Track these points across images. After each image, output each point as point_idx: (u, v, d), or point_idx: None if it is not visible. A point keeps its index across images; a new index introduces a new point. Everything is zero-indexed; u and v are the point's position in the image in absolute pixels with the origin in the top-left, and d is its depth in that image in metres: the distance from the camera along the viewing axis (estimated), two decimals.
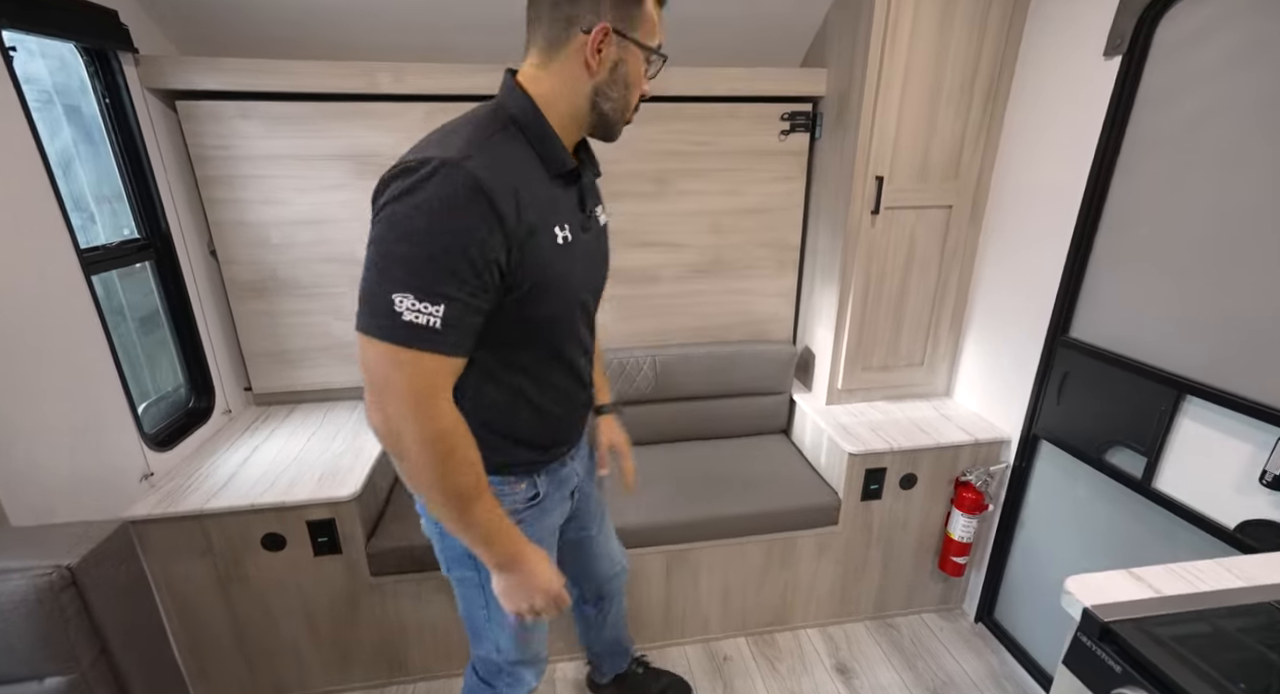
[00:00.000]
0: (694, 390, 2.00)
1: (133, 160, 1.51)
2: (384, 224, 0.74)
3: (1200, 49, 1.20)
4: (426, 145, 0.80)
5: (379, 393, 0.75)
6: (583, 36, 0.81)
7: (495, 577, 0.91)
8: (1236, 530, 1.18)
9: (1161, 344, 1.31)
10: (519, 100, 0.84)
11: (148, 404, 1.61)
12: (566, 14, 0.80)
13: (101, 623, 0.89)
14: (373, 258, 0.74)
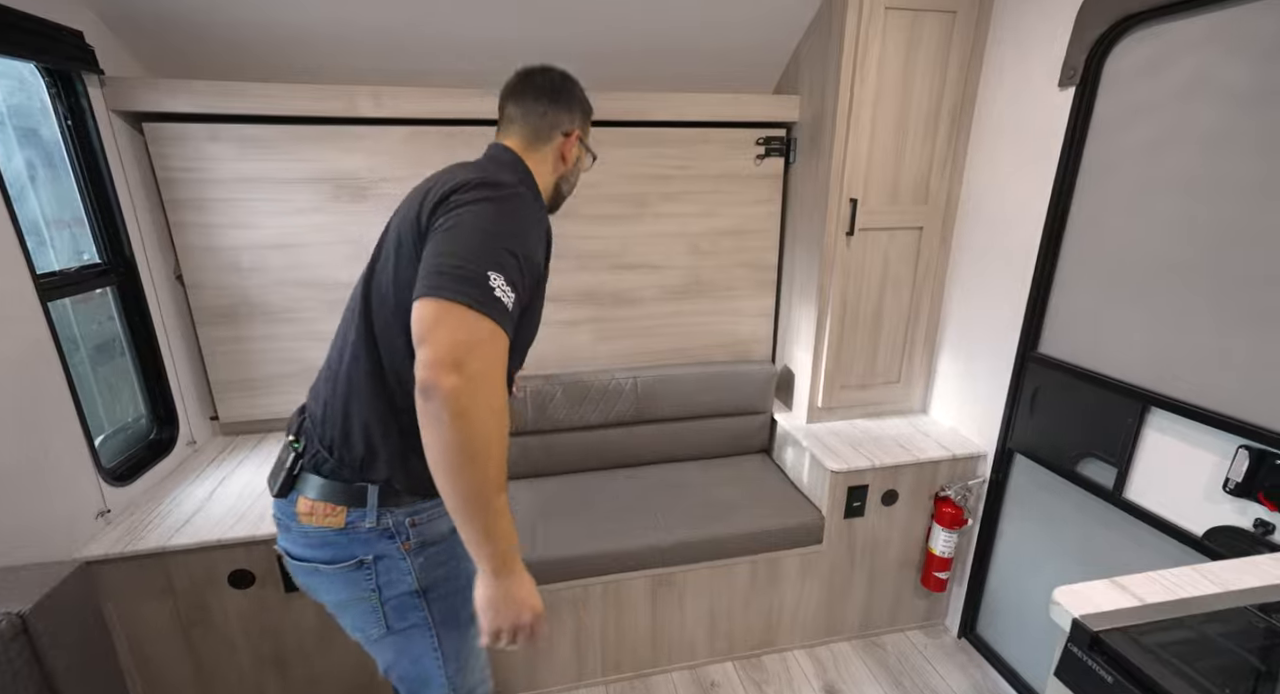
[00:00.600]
0: (675, 412, 2.00)
1: (95, 183, 1.46)
2: (482, 214, 0.85)
3: (1147, 80, 1.28)
4: (483, 171, 0.93)
5: (464, 356, 0.76)
6: (562, 138, 1.05)
7: (488, 584, 0.85)
8: (1204, 537, 1.22)
9: (1125, 358, 1.36)
10: (523, 166, 1.02)
11: (105, 436, 1.53)
12: (552, 121, 1.04)
13: (53, 672, 0.82)
14: (472, 237, 0.82)
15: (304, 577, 1.01)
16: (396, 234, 0.92)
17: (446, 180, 0.90)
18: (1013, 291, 1.62)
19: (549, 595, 1.62)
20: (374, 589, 0.97)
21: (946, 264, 1.86)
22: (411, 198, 0.95)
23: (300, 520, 0.94)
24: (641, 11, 1.62)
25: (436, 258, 0.81)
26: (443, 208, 0.86)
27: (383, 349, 0.92)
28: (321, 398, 0.97)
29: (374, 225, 1.73)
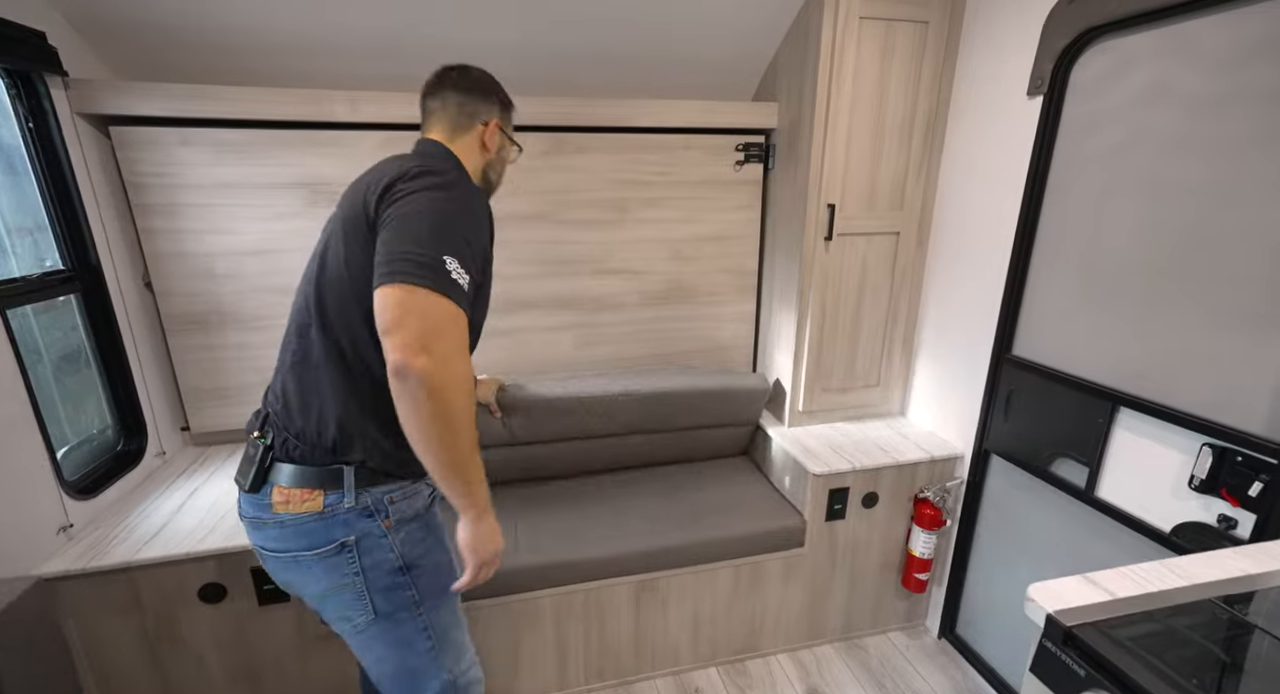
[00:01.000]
0: (664, 425, 1.94)
1: (59, 188, 1.42)
2: (430, 200, 0.90)
3: (1110, 89, 1.32)
4: (422, 161, 1.00)
5: (431, 336, 0.82)
6: (481, 127, 1.10)
7: (471, 528, 0.95)
8: (1172, 533, 1.26)
9: (1095, 359, 1.40)
10: (452, 155, 1.07)
11: (69, 448, 1.48)
12: (470, 111, 1.09)
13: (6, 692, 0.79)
14: (423, 223, 0.87)
15: (283, 572, 1.00)
16: (342, 225, 0.96)
17: (386, 171, 0.95)
18: (987, 295, 1.65)
19: (530, 604, 1.60)
20: (358, 572, 0.97)
21: (923, 268, 1.89)
22: (353, 191, 0.99)
23: (275, 510, 0.95)
24: (622, 20, 1.63)
25: (393, 245, 0.85)
26: (389, 196, 0.91)
27: (341, 335, 0.95)
28: (284, 391, 0.99)
29: None
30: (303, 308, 0.99)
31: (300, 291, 1.01)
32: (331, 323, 0.95)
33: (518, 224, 1.83)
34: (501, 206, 1.80)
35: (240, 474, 0.98)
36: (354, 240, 0.93)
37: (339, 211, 1.00)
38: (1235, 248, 1.13)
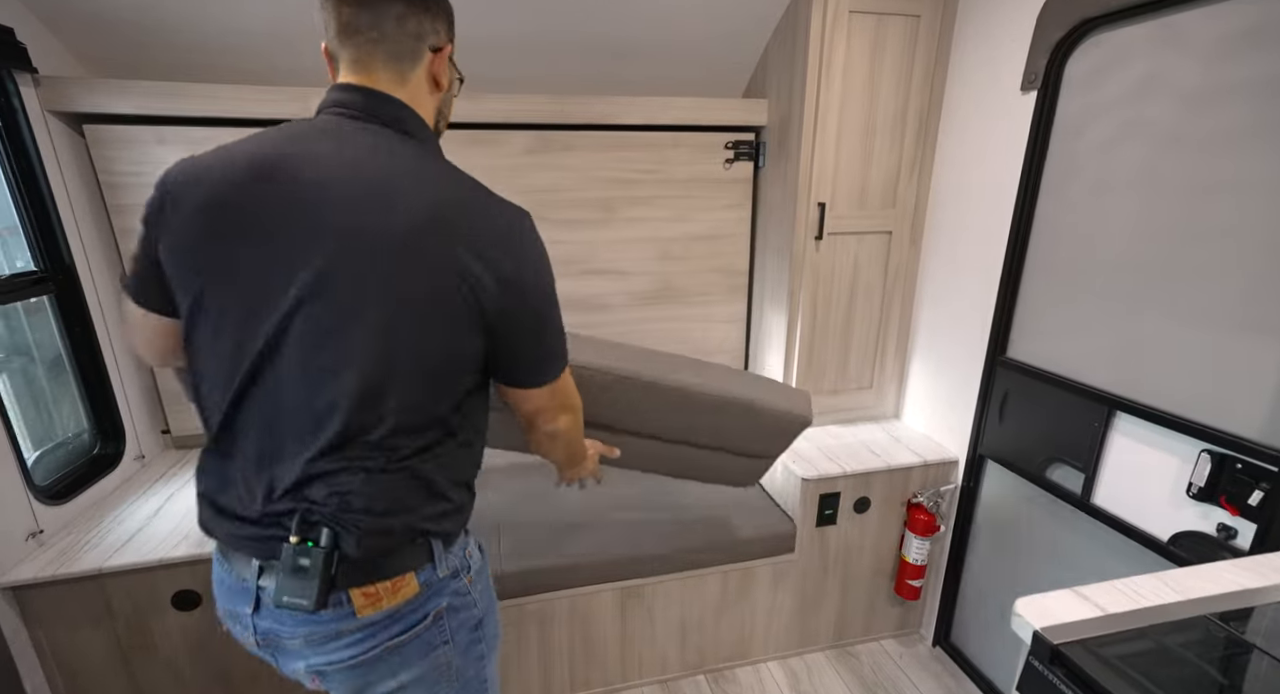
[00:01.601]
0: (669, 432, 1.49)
1: (30, 187, 1.40)
2: (548, 269, 0.82)
3: (1105, 83, 1.28)
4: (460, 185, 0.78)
5: (574, 404, 0.96)
6: (430, 54, 0.80)
7: (582, 466, 1.15)
8: (1170, 543, 1.22)
9: (1091, 362, 1.36)
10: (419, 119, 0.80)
11: (43, 452, 1.46)
12: (414, 31, 0.77)
13: None
14: (552, 310, 0.83)
15: (357, 678, 0.82)
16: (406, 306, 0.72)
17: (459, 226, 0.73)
18: (981, 295, 1.61)
19: (513, 610, 1.57)
20: (447, 640, 0.85)
21: (917, 268, 1.85)
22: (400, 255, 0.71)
23: (361, 614, 0.77)
24: (608, 14, 1.59)
25: (540, 346, 0.84)
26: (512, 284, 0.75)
27: (420, 424, 0.77)
28: (342, 489, 0.75)
29: None
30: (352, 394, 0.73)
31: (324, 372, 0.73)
32: (408, 412, 0.75)
33: None
34: None
35: (291, 595, 0.73)
36: (436, 324, 0.73)
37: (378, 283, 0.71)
38: (1234, 246, 1.09)
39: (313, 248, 0.70)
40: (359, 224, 0.70)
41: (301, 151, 0.73)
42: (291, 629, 0.78)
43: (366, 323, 0.71)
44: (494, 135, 1.72)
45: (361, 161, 0.73)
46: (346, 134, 0.75)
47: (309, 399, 0.73)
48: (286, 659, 0.83)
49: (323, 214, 0.70)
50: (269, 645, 0.82)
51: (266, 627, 0.79)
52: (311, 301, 0.71)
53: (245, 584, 0.79)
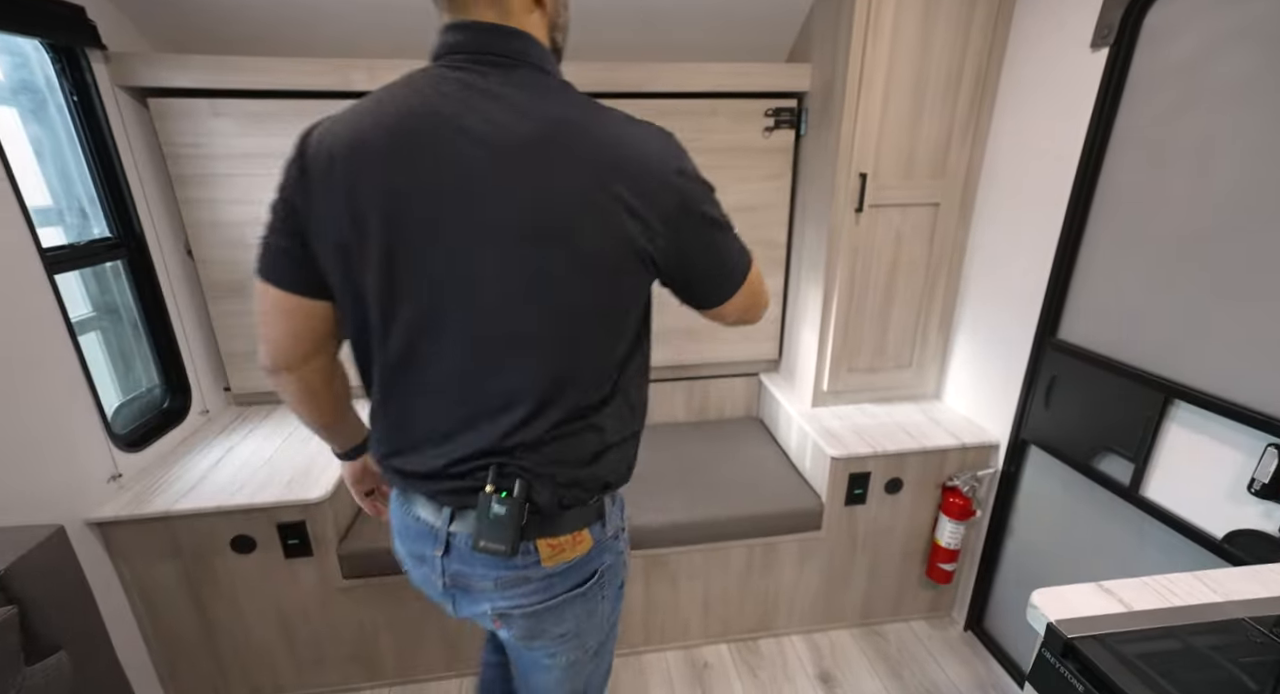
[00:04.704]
0: None
1: (103, 159, 1.50)
2: (709, 195, 0.78)
3: (1192, 36, 1.15)
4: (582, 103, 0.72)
5: (767, 298, 0.92)
6: None
7: None
8: (1224, 541, 1.14)
9: (1149, 346, 1.26)
10: (541, 49, 0.73)
11: (120, 404, 1.60)
12: None
13: (36, 632, 0.87)
14: (714, 219, 0.77)
15: (534, 623, 0.87)
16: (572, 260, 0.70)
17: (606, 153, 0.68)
18: (1034, 272, 1.51)
19: None
20: (604, 596, 0.90)
21: (965, 242, 1.75)
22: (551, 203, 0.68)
23: (545, 564, 0.82)
24: None
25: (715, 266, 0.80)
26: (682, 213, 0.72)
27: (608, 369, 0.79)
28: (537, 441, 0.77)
29: None
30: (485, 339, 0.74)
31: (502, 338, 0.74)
32: (591, 367, 0.77)
33: None
34: None
35: (489, 540, 0.77)
36: (612, 274, 0.73)
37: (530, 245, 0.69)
38: None
39: (481, 211, 0.68)
40: (521, 180, 0.67)
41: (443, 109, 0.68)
42: (483, 572, 0.82)
43: (550, 281, 0.70)
44: None
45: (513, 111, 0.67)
46: (491, 82, 0.69)
47: (499, 359, 0.74)
48: (470, 601, 0.87)
49: (484, 174, 0.67)
50: (456, 587, 0.85)
51: (456, 569, 0.83)
52: (491, 264, 0.69)
53: (434, 530, 0.83)
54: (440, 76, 0.70)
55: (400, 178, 0.68)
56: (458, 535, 0.81)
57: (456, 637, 1.68)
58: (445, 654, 1.70)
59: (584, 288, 0.72)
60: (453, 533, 0.82)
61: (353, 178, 0.68)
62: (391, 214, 0.68)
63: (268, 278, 0.77)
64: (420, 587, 0.92)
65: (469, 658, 1.72)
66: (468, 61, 0.70)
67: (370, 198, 0.68)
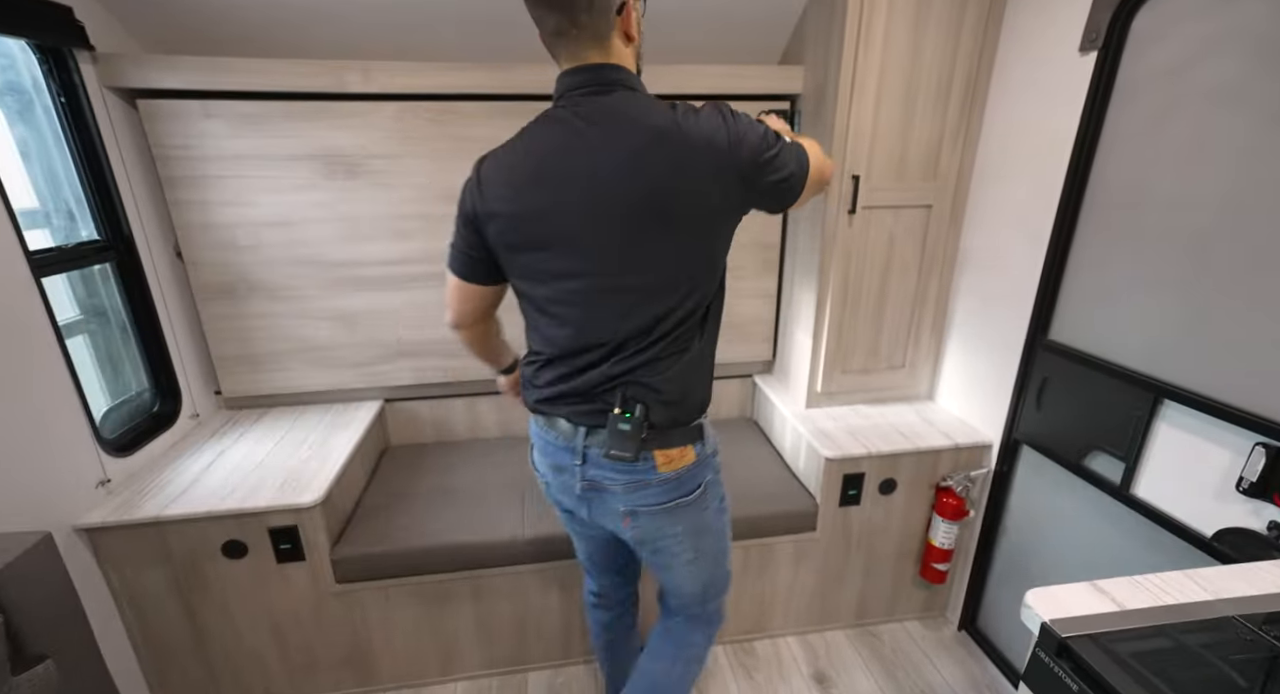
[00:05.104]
0: None
1: (91, 161, 1.49)
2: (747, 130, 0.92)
3: (1179, 40, 1.17)
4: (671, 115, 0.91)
5: (829, 172, 1.07)
6: (617, 18, 0.91)
7: None
8: (1214, 539, 1.15)
9: (1139, 346, 1.27)
10: (632, 76, 0.96)
11: (109, 408, 1.58)
12: (601, 8, 0.89)
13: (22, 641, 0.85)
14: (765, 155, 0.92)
15: (651, 522, 1.09)
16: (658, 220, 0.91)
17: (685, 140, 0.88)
18: (1025, 274, 1.52)
19: (535, 576, 1.63)
20: (707, 506, 1.13)
21: (957, 243, 1.77)
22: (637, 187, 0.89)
23: (660, 471, 1.04)
24: None
25: (788, 179, 0.96)
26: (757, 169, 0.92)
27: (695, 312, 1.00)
28: (651, 369, 1.00)
29: (366, 203, 1.74)
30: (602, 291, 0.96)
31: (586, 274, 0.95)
32: (683, 312, 0.98)
33: None
34: None
35: (619, 449, 1.00)
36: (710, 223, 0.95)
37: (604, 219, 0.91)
38: None
39: (611, 189, 0.89)
40: (637, 168, 0.88)
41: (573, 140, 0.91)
42: (614, 476, 1.04)
43: (667, 234, 0.91)
44: (522, 106, 1.71)
45: (617, 129, 0.90)
46: (599, 107, 0.91)
47: (617, 309, 0.96)
48: (602, 502, 1.09)
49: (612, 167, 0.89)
50: (592, 489, 1.08)
51: (593, 475, 1.06)
52: (621, 236, 0.91)
53: (573, 445, 1.05)
54: (569, 109, 0.93)
55: (549, 189, 0.92)
56: (591, 448, 1.04)
57: (452, 640, 1.67)
58: (440, 658, 1.69)
59: (687, 245, 0.94)
60: (587, 446, 1.04)
61: (515, 191, 0.94)
62: (546, 214, 0.93)
63: (454, 271, 1.08)
64: (557, 497, 1.16)
65: (464, 662, 1.71)
66: (586, 95, 0.93)
67: (529, 205, 0.94)
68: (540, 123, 0.96)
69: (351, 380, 1.92)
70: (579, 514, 1.15)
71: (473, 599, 1.63)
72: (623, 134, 0.89)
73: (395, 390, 2.00)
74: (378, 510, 1.67)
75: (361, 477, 1.81)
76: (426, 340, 1.91)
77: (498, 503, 1.70)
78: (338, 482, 1.56)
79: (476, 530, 1.59)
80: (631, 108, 0.91)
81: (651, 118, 0.89)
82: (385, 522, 1.62)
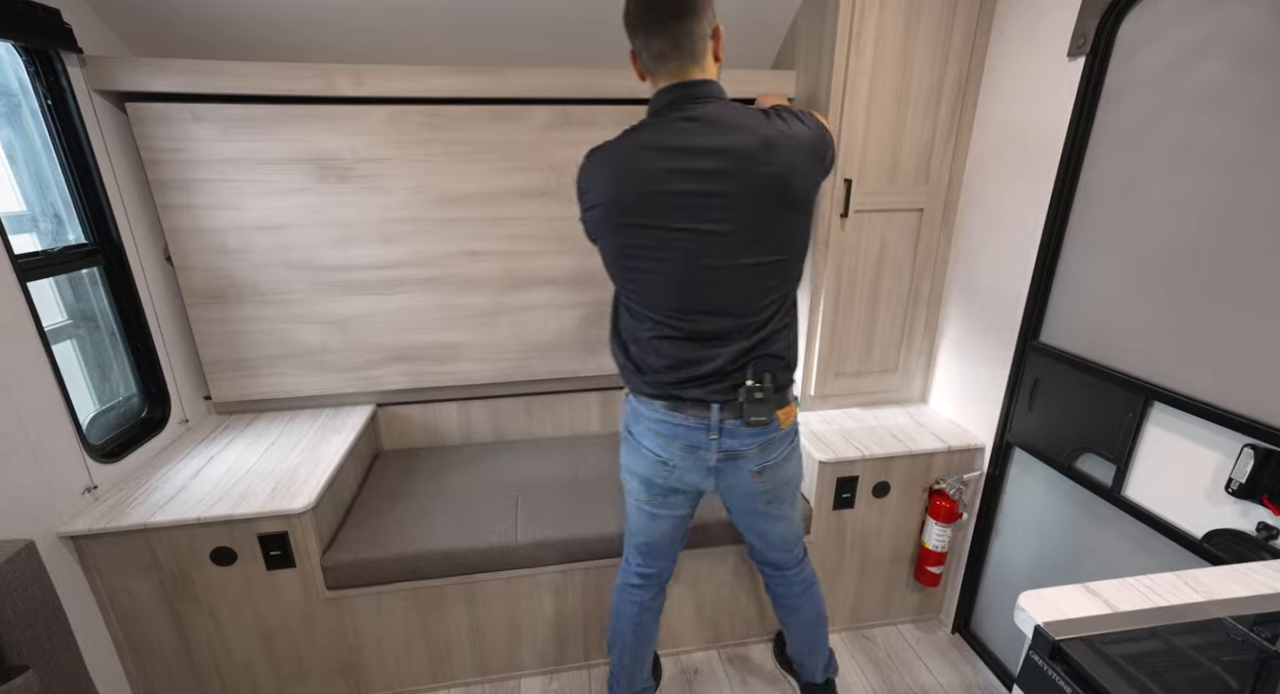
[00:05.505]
0: None
1: (79, 164, 1.47)
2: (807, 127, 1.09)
3: (1163, 45, 1.18)
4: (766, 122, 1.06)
5: None
6: (711, 41, 1.07)
7: None
8: (1204, 540, 1.15)
9: (1128, 349, 1.28)
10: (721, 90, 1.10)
11: (96, 414, 1.56)
12: (702, 32, 1.04)
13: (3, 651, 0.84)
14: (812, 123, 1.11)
15: (774, 472, 1.24)
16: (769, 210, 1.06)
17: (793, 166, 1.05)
18: (1016, 277, 1.53)
19: (526, 581, 1.62)
20: (801, 457, 1.31)
21: (948, 246, 1.77)
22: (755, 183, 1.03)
23: (782, 426, 1.20)
24: None
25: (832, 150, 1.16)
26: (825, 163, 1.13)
27: (792, 291, 1.19)
28: (775, 344, 1.16)
29: (358, 207, 1.73)
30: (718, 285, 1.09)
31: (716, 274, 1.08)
32: (792, 284, 1.17)
33: (525, 200, 1.80)
34: (508, 182, 1.78)
35: (757, 415, 1.14)
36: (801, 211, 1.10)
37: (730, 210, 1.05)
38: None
39: (727, 181, 1.02)
40: (747, 162, 1.02)
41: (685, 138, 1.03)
42: (748, 442, 1.18)
43: (775, 230, 1.07)
44: (515, 110, 1.71)
45: (721, 133, 1.03)
46: (704, 114, 1.04)
47: (754, 284, 1.10)
48: (736, 468, 1.20)
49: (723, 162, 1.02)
50: (727, 458, 1.19)
51: (729, 445, 1.18)
52: (738, 224, 1.04)
53: (708, 422, 1.16)
54: (676, 115, 1.05)
55: (658, 180, 1.04)
56: (727, 421, 1.16)
57: (444, 647, 1.66)
58: (432, 665, 1.67)
59: (792, 229, 1.10)
60: (723, 419, 1.15)
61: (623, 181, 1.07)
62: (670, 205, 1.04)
63: (591, 240, 1.20)
64: (681, 477, 1.23)
65: (457, 668, 1.69)
66: (688, 104, 1.05)
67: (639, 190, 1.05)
68: (649, 126, 1.08)
69: (343, 385, 1.91)
70: (702, 487, 1.26)
71: (465, 605, 1.61)
72: (736, 134, 1.02)
73: (387, 395, 1.99)
74: (370, 516, 1.66)
75: (353, 482, 1.79)
76: (419, 344, 1.90)
77: (490, 507, 1.69)
78: (329, 487, 1.55)
79: (469, 535, 1.58)
80: (730, 113, 1.05)
81: (751, 120, 1.04)
82: (377, 527, 1.61)
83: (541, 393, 2.09)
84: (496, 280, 1.87)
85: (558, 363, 2.00)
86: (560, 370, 2.01)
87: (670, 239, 1.05)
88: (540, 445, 2.06)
